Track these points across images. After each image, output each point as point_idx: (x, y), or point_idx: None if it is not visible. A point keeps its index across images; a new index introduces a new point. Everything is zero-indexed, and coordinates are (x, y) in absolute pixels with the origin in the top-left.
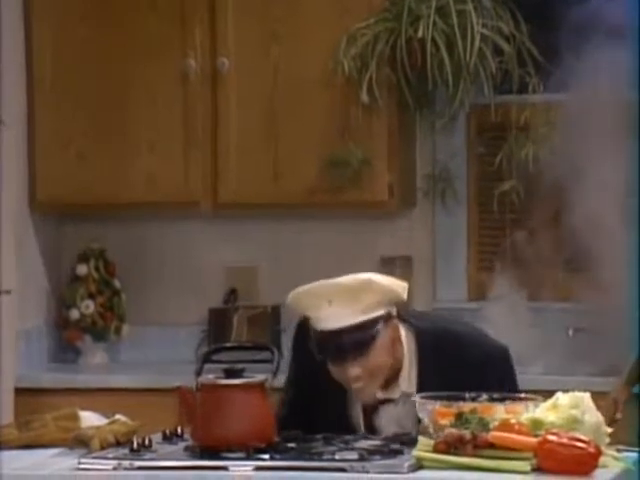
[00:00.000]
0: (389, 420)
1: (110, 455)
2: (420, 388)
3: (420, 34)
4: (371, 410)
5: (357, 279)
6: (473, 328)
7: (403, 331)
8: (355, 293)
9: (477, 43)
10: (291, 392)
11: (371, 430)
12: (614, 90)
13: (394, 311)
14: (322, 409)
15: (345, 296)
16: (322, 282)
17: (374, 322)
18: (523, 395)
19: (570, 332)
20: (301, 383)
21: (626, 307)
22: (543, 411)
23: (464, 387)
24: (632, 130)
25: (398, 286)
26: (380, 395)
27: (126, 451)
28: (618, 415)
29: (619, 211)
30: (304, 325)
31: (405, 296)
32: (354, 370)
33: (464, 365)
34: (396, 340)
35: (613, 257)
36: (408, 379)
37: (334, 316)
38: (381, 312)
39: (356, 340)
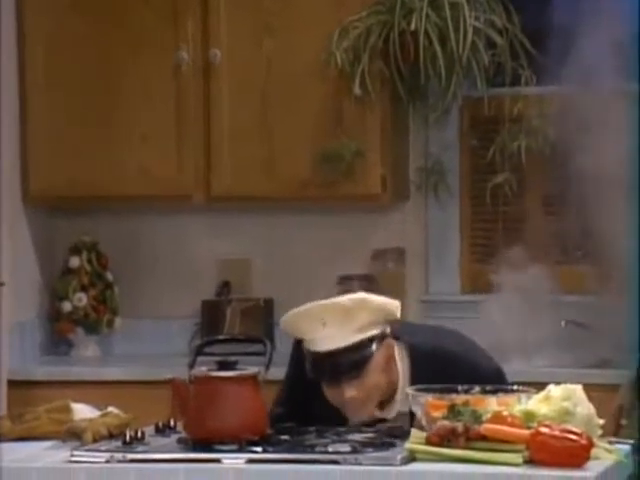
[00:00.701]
0: None
1: (103, 448)
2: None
3: (413, 27)
4: (369, 425)
5: (351, 299)
6: (467, 347)
7: (397, 349)
8: (349, 313)
9: (470, 36)
10: (288, 391)
11: None
12: (608, 81)
13: (388, 330)
14: (318, 422)
15: (339, 316)
16: (315, 303)
17: (369, 342)
18: (515, 387)
19: (563, 324)
20: (298, 400)
21: (627, 307)
22: (535, 403)
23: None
24: (631, 122)
25: (391, 305)
26: (377, 414)
27: (119, 444)
28: (623, 421)
29: (616, 204)
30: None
31: (398, 315)
32: (350, 391)
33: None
34: (391, 359)
35: (609, 250)
36: (403, 398)
37: (328, 338)
38: (375, 331)
39: (351, 360)
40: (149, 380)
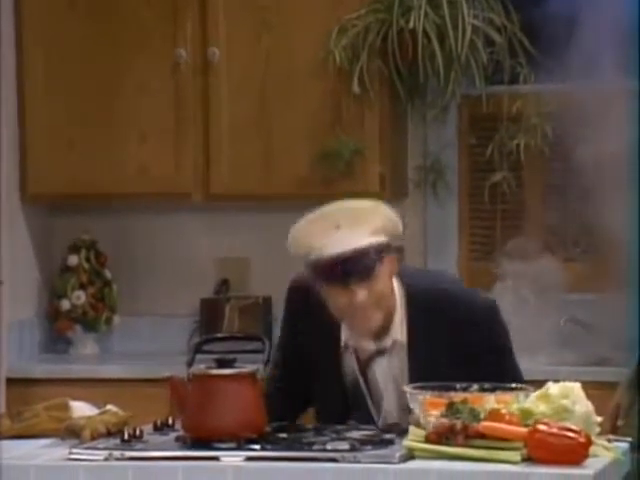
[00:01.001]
0: (382, 373)
1: (101, 445)
2: (410, 340)
3: (411, 25)
4: (364, 365)
5: (364, 202)
6: (461, 285)
7: (395, 285)
8: (362, 216)
9: (468, 34)
10: (282, 358)
11: (367, 384)
12: (606, 78)
13: (393, 243)
14: (315, 373)
15: (352, 219)
16: (328, 207)
17: (380, 246)
18: (514, 385)
19: (562, 322)
20: (294, 349)
21: (627, 305)
22: (533, 401)
23: (454, 342)
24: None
25: (397, 219)
26: (372, 346)
27: (117, 441)
28: (620, 422)
29: (616, 201)
30: (297, 289)
31: (401, 230)
32: (361, 294)
33: (454, 320)
34: (393, 276)
35: (609, 247)
36: (399, 328)
37: (341, 240)
38: (384, 239)
39: (363, 262)
40: (148, 378)
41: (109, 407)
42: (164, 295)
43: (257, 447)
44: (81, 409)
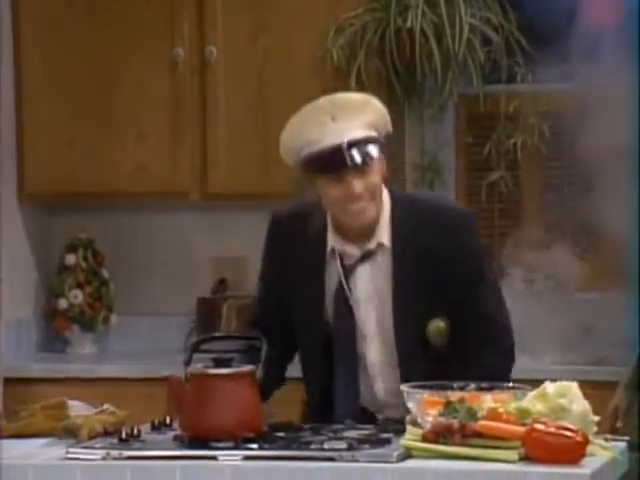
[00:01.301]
0: (365, 279)
1: (98, 445)
2: (394, 244)
3: (409, 24)
4: (349, 271)
5: (356, 95)
6: (445, 198)
7: (384, 190)
8: (357, 108)
9: (466, 33)
10: (264, 289)
11: (350, 292)
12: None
13: (384, 141)
14: (296, 303)
15: (348, 112)
16: (320, 102)
17: (375, 139)
18: (511, 384)
19: (561, 321)
20: (275, 278)
21: (627, 304)
22: (531, 400)
23: (437, 246)
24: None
25: (387, 115)
26: (357, 252)
27: (115, 441)
28: (619, 424)
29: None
30: (279, 220)
31: (390, 127)
32: (357, 185)
33: (437, 225)
34: (383, 175)
35: (608, 246)
36: (384, 231)
37: (339, 131)
38: (378, 133)
39: (360, 153)
40: (145, 377)
41: (106, 406)
42: (162, 294)
43: (255, 446)
44: (78, 408)
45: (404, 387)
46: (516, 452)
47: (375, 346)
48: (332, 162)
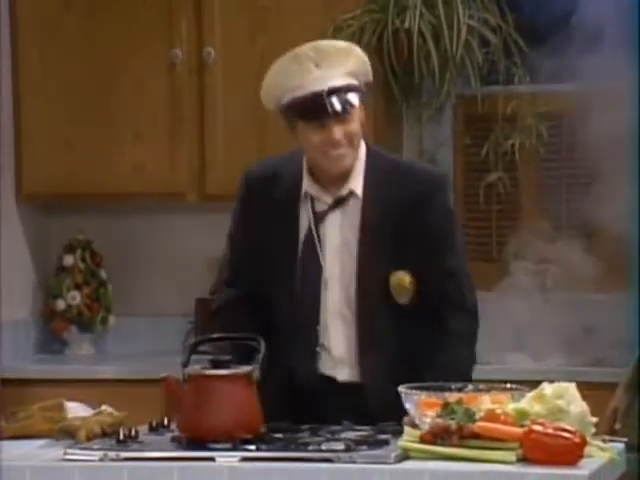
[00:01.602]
0: (334, 226)
1: (96, 446)
2: (365, 193)
3: (407, 25)
4: (319, 218)
5: (341, 43)
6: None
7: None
8: (340, 57)
9: (463, 34)
10: (237, 246)
11: (319, 239)
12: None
13: (364, 90)
14: (269, 248)
15: (331, 59)
16: (303, 48)
17: (356, 87)
18: (509, 385)
19: (558, 323)
20: (248, 232)
21: (626, 305)
22: (528, 401)
23: (408, 200)
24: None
25: (368, 62)
26: (329, 199)
27: (112, 442)
28: (617, 425)
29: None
30: (250, 177)
31: (371, 76)
32: (338, 131)
33: (410, 180)
34: (363, 124)
35: (607, 247)
36: (357, 180)
37: (322, 78)
38: (359, 82)
39: (342, 100)
40: (143, 378)
41: (104, 407)
42: (159, 295)
43: (252, 447)
44: (76, 410)
45: (402, 388)
46: (514, 453)
47: (335, 294)
48: (314, 109)
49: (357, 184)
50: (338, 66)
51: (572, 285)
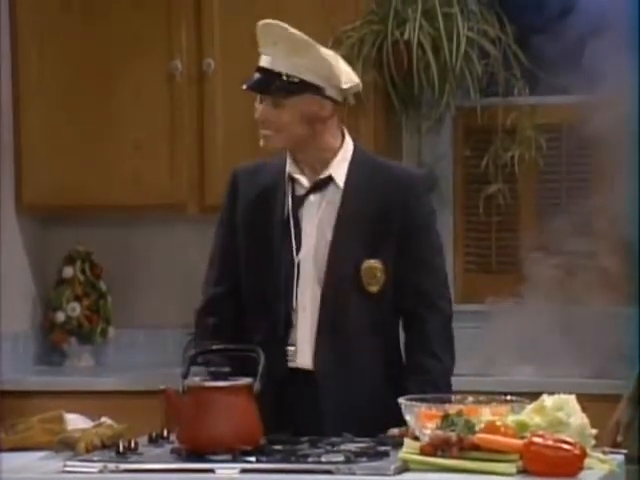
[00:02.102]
0: (312, 211)
1: (96, 458)
2: (347, 182)
3: (406, 37)
4: (299, 202)
5: (305, 38)
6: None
7: (348, 138)
8: (298, 47)
9: (463, 46)
10: (223, 233)
11: (296, 223)
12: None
13: (331, 93)
14: (252, 230)
15: (289, 45)
16: (278, 23)
17: (302, 83)
18: (509, 397)
19: (558, 334)
20: (234, 217)
21: (627, 318)
22: (529, 413)
23: (389, 194)
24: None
25: (347, 74)
26: (308, 183)
27: (112, 454)
28: (619, 438)
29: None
30: (239, 170)
31: (344, 84)
32: (261, 111)
33: (392, 177)
34: (324, 120)
35: (608, 259)
36: (339, 166)
37: (271, 57)
38: (312, 80)
39: (278, 86)
40: (142, 390)
41: (104, 419)
42: (159, 307)
43: (252, 459)
44: (76, 422)
45: (402, 400)
46: (514, 465)
47: (306, 278)
48: (250, 82)
49: (338, 172)
50: (292, 56)
51: (571, 297)
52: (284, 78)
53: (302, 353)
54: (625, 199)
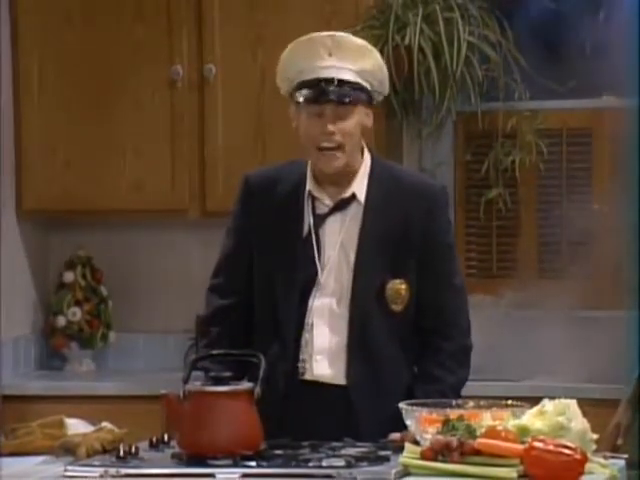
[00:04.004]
0: (334, 230)
1: (97, 463)
2: (368, 199)
3: (407, 41)
4: (320, 220)
5: (360, 41)
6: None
7: (366, 152)
8: (355, 53)
9: (464, 51)
10: (233, 243)
11: (317, 241)
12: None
13: (377, 99)
14: (268, 247)
15: (346, 53)
16: (325, 34)
17: (365, 89)
18: (510, 402)
19: (557, 338)
20: (248, 228)
21: (626, 322)
22: (529, 418)
23: (411, 211)
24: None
25: (385, 69)
26: (331, 202)
27: (113, 458)
28: (619, 441)
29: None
30: (251, 179)
31: (387, 86)
32: (332, 126)
33: (413, 192)
34: (366, 130)
35: (607, 264)
36: (360, 184)
37: (332, 67)
38: (369, 86)
39: (344, 94)
40: (143, 395)
41: (104, 424)
42: (160, 312)
43: (253, 464)
44: (76, 426)
45: (403, 404)
46: (515, 470)
47: (327, 298)
48: (316, 93)
49: (360, 188)
50: (350, 61)
51: (571, 301)
52: (353, 85)
53: (319, 367)
54: (625, 204)
